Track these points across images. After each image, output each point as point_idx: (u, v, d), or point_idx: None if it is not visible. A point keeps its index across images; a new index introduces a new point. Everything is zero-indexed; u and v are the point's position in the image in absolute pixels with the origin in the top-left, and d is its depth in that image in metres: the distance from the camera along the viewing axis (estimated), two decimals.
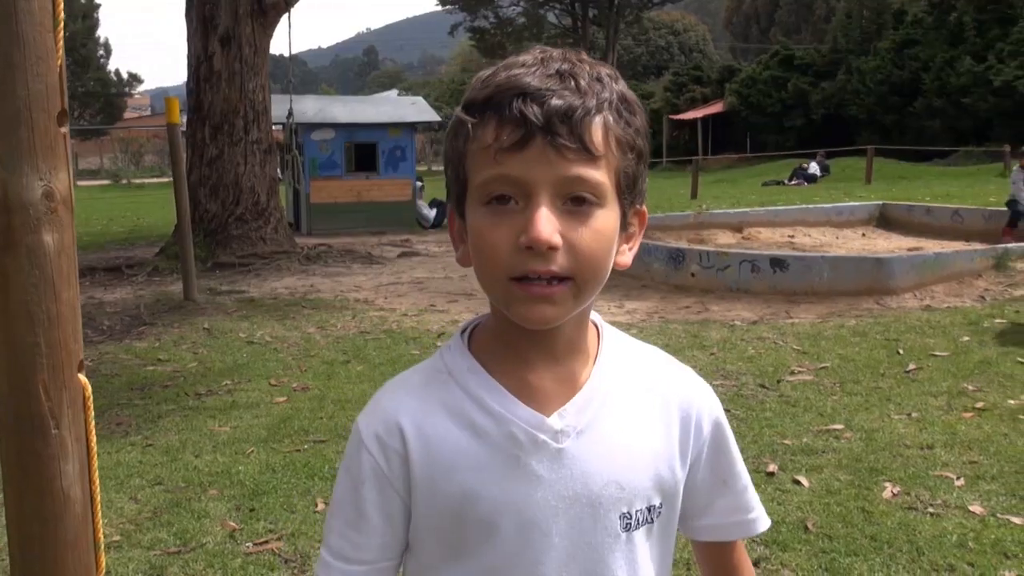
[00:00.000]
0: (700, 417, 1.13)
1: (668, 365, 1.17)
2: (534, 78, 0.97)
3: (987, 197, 16.92)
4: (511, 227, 0.96)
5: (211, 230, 12.18)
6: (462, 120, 1.00)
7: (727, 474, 1.16)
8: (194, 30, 12.37)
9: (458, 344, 1.11)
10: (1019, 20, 32.53)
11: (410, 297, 9.59)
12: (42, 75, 1.40)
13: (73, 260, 1.47)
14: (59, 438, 1.44)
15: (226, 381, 6.29)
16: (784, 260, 8.75)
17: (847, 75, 38.02)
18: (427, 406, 1.07)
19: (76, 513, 1.48)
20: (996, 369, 5.81)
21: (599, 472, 1.04)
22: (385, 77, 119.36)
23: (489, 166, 0.97)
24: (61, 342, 1.44)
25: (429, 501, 1.06)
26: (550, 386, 1.06)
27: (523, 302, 0.98)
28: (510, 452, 1.03)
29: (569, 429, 1.04)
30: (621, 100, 1.01)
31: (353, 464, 1.09)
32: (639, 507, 1.07)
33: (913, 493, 3.97)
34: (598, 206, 0.98)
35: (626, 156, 1.01)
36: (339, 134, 16.53)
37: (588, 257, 0.97)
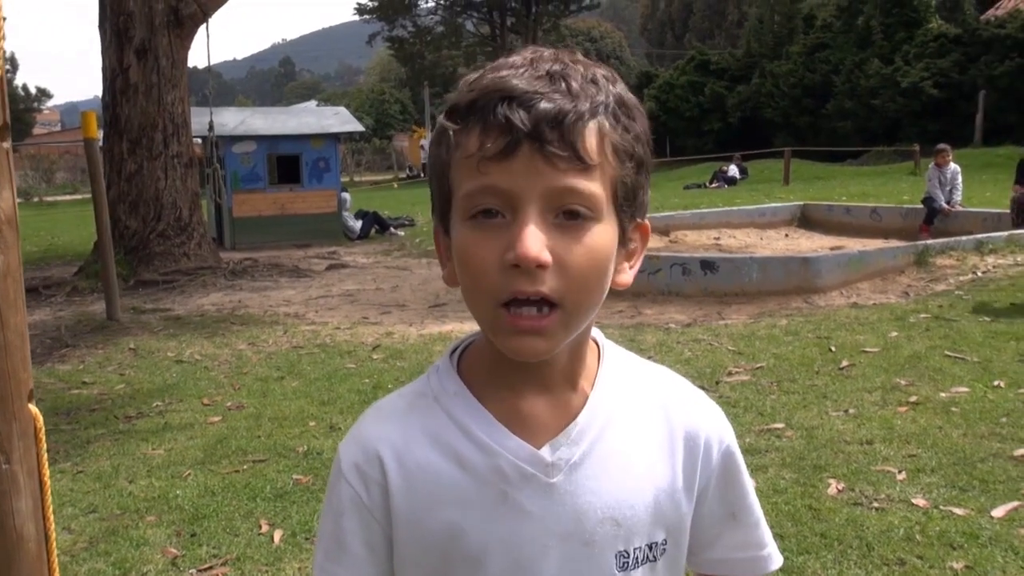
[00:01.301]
0: (709, 444, 1.04)
1: (674, 387, 1.07)
2: (521, 80, 0.89)
3: (901, 196, 17.41)
4: (497, 243, 0.88)
5: (132, 247, 11.85)
6: (444, 127, 0.92)
7: (737, 507, 1.07)
8: (108, 42, 12.04)
9: (446, 365, 1.03)
10: (923, 23, 33.65)
11: (341, 310, 9.45)
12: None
13: (20, 284, 1.38)
14: (10, 473, 1.35)
15: (156, 402, 6.10)
16: (714, 262, 8.85)
17: (761, 79, 38.86)
18: (410, 434, 1.00)
19: (30, 552, 1.39)
20: (926, 363, 5.94)
21: (594, 508, 0.97)
22: (303, 88, 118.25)
23: (473, 177, 0.89)
24: (9, 371, 1.35)
25: (412, 535, 0.99)
26: (543, 414, 0.98)
27: (511, 334, 0.90)
28: (498, 487, 0.96)
29: (561, 462, 0.96)
30: (619, 103, 0.92)
31: (334, 495, 1.02)
32: (638, 544, 0.99)
33: (857, 489, 4.02)
34: (593, 220, 0.89)
35: (624, 165, 0.92)
36: (261, 146, 16.26)
37: (580, 278, 0.89)
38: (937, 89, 31.40)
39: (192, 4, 12.11)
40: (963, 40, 32.13)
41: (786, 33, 40.95)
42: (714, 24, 67.56)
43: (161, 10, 11.90)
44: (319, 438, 5.13)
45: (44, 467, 1.42)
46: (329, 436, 5.14)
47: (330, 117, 17.85)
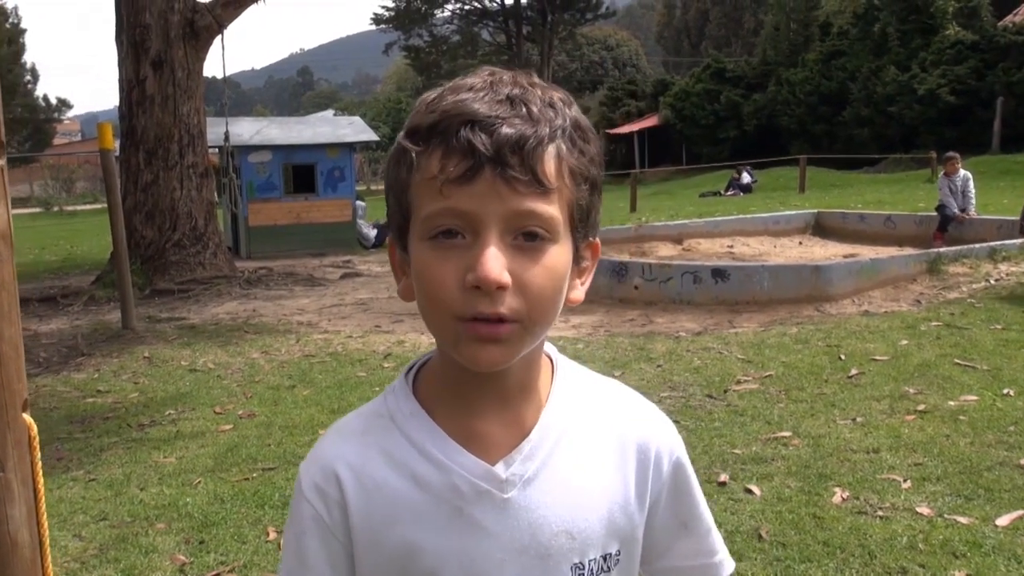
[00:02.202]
0: (659, 457, 1.06)
1: (626, 401, 1.09)
2: (483, 104, 0.90)
3: (916, 203, 17.34)
4: (458, 263, 0.90)
5: (148, 256, 11.96)
6: (405, 148, 0.94)
7: (688, 517, 1.10)
8: (125, 54, 12.17)
9: (402, 386, 1.05)
10: (940, 30, 33.50)
11: (354, 319, 9.50)
12: None
13: (14, 296, 1.42)
14: (4, 481, 1.39)
15: (169, 411, 6.16)
16: (725, 270, 8.85)
17: (777, 86, 38.76)
18: (367, 454, 1.02)
19: (25, 558, 1.43)
20: (935, 371, 5.93)
21: (548, 522, 0.99)
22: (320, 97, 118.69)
23: (435, 199, 0.90)
24: (4, 381, 1.39)
25: (370, 553, 1.01)
26: (497, 432, 1.00)
27: (470, 343, 0.91)
28: (452, 503, 0.98)
29: (515, 478, 0.98)
30: (575, 127, 0.94)
31: (296, 514, 1.04)
32: (593, 556, 1.01)
33: (862, 497, 4.02)
34: (550, 242, 0.92)
35: (580, 188, 0.95)
36: (276, 156, 16.37)
37: (538, 298, 0.91)
38: (954, 96, 31.23)
39: (207, 16, 12.22)
40: (980, 47, 31.97)
41: (802, 41, 40.89)
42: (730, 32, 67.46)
43: (177, 22, 12.02)
44: None
45: (38, 475, 1.45)
46: None
47: (345, 127, 17.95)
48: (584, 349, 7.27)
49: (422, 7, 52.37)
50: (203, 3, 12.50)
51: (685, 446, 1.12)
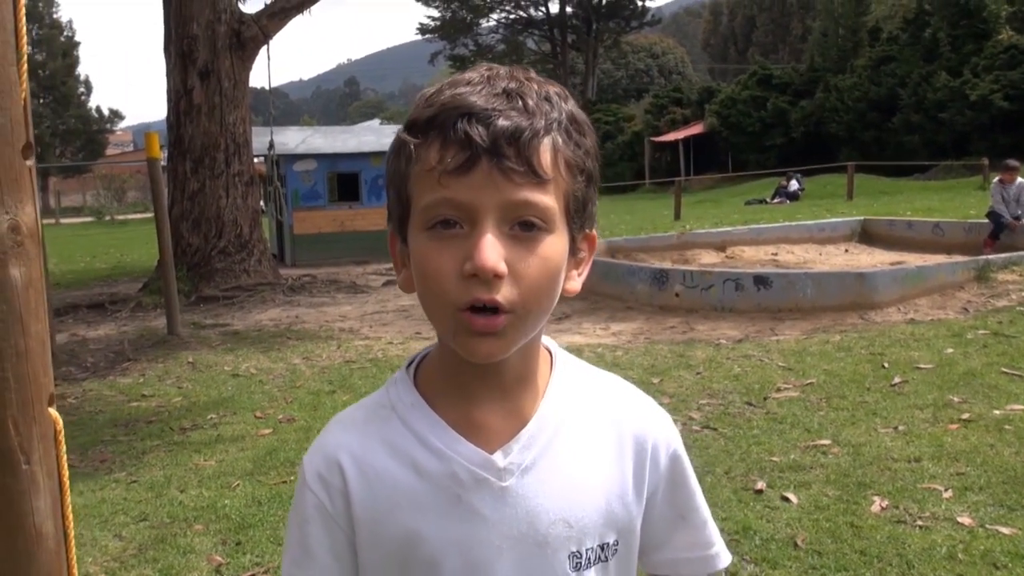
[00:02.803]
0: (656, 449, 1.07)
1: (624, 394, 1.11)
2: (479, 97, 0.92)
3: (968, 210, 17.04)
4: (456, 253, 0.92)
5: (194, 264, 12.15)
6: (404, 140, 0.96)
7: (685, 509, 1.11)
8: (173, 65, 12.39)
9: (403, 378, 1.07)
10: (992, 35, 32.96)
11: (395, 325, 9.56)
12: (6, 109, 1.39)
13: (41, 293, 1.45)
14: (30, 473, 1.42)
15: (211, 415, 6.25)
16: (767, 278, 8.77)
17: (825, 93, 38.40)
18: (368, 443, 1.04)
19: (49, 550, 1.45)
20: (981, 380, 5.82)
21: (546, 510, 1.00)
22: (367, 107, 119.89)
23: (433, 189, 0.92)
24: (30, 376, 1.42)
25: (372, 540, 1.02)
26: (496, 421, 1.02)
27: (468, 335, 0.93)
28: (452, 491, 0.99)
29: (513, 466, 1.00)
30: (571, 120, 0.96)
31: (299, 503, 1.06)
32: (590, 545, 1.02)
33: (902, 506, 3.96)
34: (546, 232, 0.93)
35: (576, 179, 0.96)
36: (321, 164, 16.55)
37: (534, 287, 0.93)
38: (1008, 101, 30.70)
39: (254, 27, 12.40)
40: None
41: (851, 46, 40.45)
42: (777, 38, 66.97)
43: (224, 33, 12.21)
44: None
45: (63, 468, 1.48)
46: None
47: (389, 135, 18.03)
48: (623, 356, 7.24)
49: (467, 17, 52.80)
50: (249, 14, 12.70)
51: (722, 454, 1.12)
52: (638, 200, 36.99)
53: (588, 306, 9.61)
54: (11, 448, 1.40)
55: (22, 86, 1.42)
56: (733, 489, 4.23)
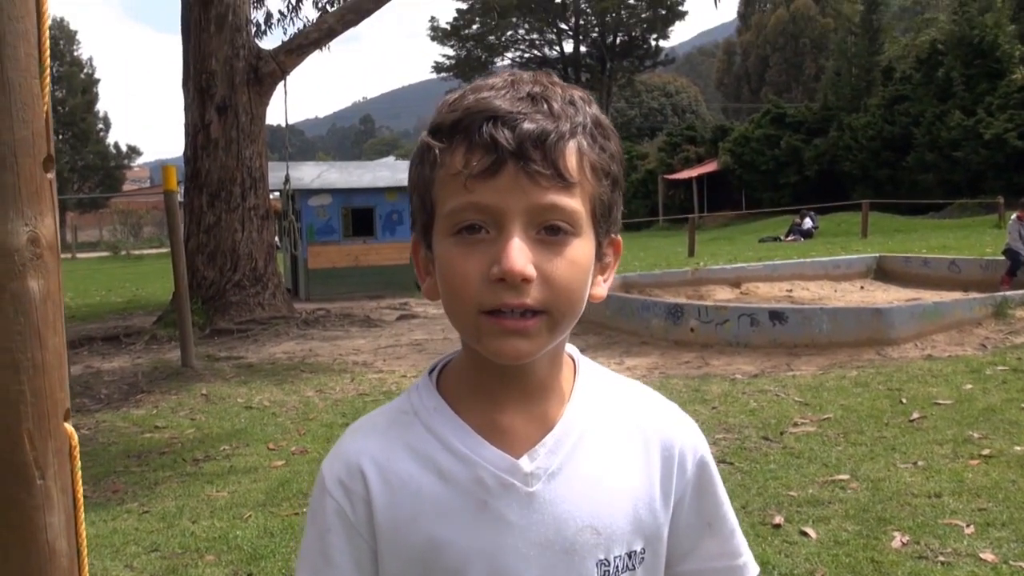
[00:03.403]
0: (683, 455, 1.06)
1: (649, 401, 1.09)
2: (504, 101, 0.92)
3: (983, 248, 16.97)
4: (482, 258, 0.91)
5: (209, 297, 12.19)
6: (429, 145, 0.95)
7: (712, 516, 1.09)
8: (191, 99, 12.52)
9: (425, 383, 1.06)
10: (1006, 74, 33.01)
11: (409, 359, 9.54)
12: (28, 121, 1.39)
13: (59, 307, 1.45)
14: (44, 488, 1.40)
15: (224, 446, 6.22)
16: (783, 313, 8.73)
17: (839, 131, 38.46)
18: (390, 448, 1.02)
19: (62, 567, 1.43)
20: (1001, 416, 5.75)
21: (573, 516, 0.98)
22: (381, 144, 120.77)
23: (458, 194, 0.91)
24: (47, 390, 1.41)
25: (394, 548, 1.00)
26: (521, 426, 1.00)
27: (495, 336, 0.92)
28: (477, 497, 0.97)
29: (540, 471, 0.98)
30: (595, 124, 0.96)
31: (318, 511, 1.04)
32: (618, 553, 1.00)
33: (923, 542, 3.90)
34: (573, 235, 0.93)
35: (601, 183, 0.96)
36: (336, 199, 16.63)
37: (563, 289, 0.92)
38: (1022, 140, 30.68)
39: (271, 63, 12.53)
40: None
41: (864, 86, 40.55)
42: (791, 78, 67.23)
43: (242, 68, 12.34)
44: None
45: (78, 484, 1.47)
46: None
47: (404, 171, 18.13)
48: None
49: (482, 56, 53.28)
50: (267, 50, 12.83)
51: (739, 488, 1.09)
52: (652, 237, 36.98)
53: (603, 341, 9.58)
54: (26, 463, 1.39)
55: (44, 99, 1.42)
56: (751, 523, 4.17)
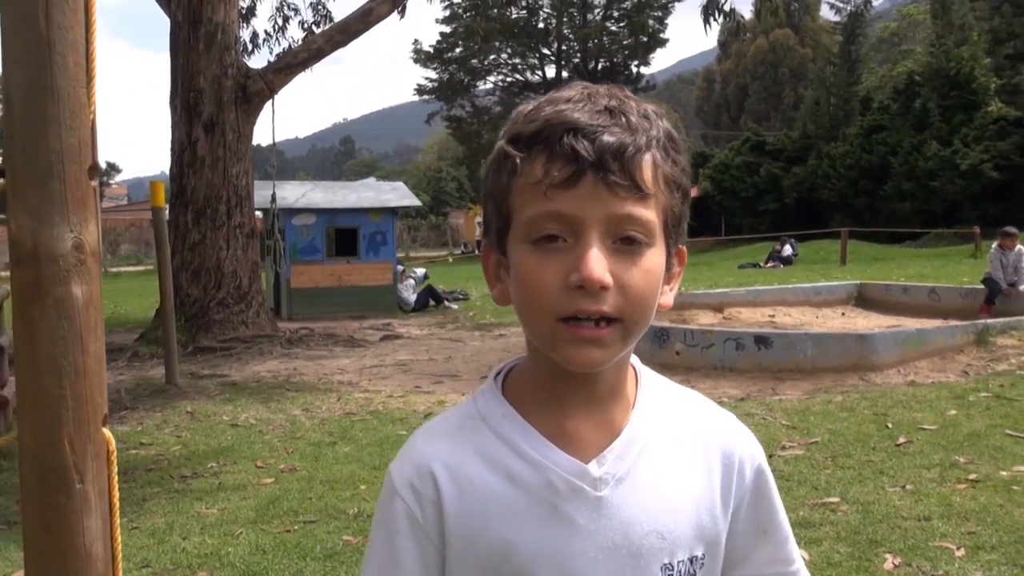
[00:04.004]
0: (742, 463, 1.09)
1: (708, 410, 1.13)
2: (583, 114, 0.94)
3: (960, 278, 17.15)
4: (560, 265, 0.93)
5: (192, 314, 12.12)
6: (508, 154, 0.97)
7: (768, 523, 1.11)
8: (178, 117, 12.50)
9: (492, 389, 1.08)
10: (982, 106, 33.50)
11: (395, 379, 9.53)
12: (75, 129, 1.41)
13: (100, 312, 1.46)
14: (83, 493, 1.42)
15: (211, 463, 6.19)
16: (768, 338, 8.80)
17: (818, 160, 38.84)
18: (461, 452, 1.03)
19: (98, 571, 1.45)
20: (986, 442, 5.82)
21: (640, 521, 1.00)
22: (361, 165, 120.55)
23: (538, 202, 0.94)
24: (87, 395, 1.42)
25: (464, 551, 1.02)
26: (587, 432, 1.02)
27: (571, 344, 0.94)
28: (548, 500, 0.99)
29: (608, 476, 1.00)
30: (668, 138, 0.99)
31: (387, 513, 1.05)
32: (681, 558, 1.02)
33: (914, 564, 3.94)
34: (648, 245, 0.95)
35: (673, 195, 0.99)
36: (320, 219, 16.61)
37: (638, 298, 0.95)
38: (997, 171, 31.11)
39: (259, 81, 12.55)
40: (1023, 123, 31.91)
41: (842, 115, 41.01)
42: (770, 106, 67.89)
43: (230, 87, 12.35)
44: (370, 501, 5.15)
45: (114, 489, 1.48)
46: None
47: (388, 192, 18.20)
48: None
49: (465, 79, 53.41)
50: (255, 69, 12.85)
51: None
52: None
53: None
54: (66, 467, 1.41)
55: (91, 107, 1.44)
56: None
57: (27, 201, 1.38)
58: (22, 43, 1.38)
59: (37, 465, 1.40)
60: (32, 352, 1.39)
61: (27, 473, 1.41)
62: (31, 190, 1.38)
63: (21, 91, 1.38)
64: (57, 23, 1.38)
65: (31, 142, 1.38)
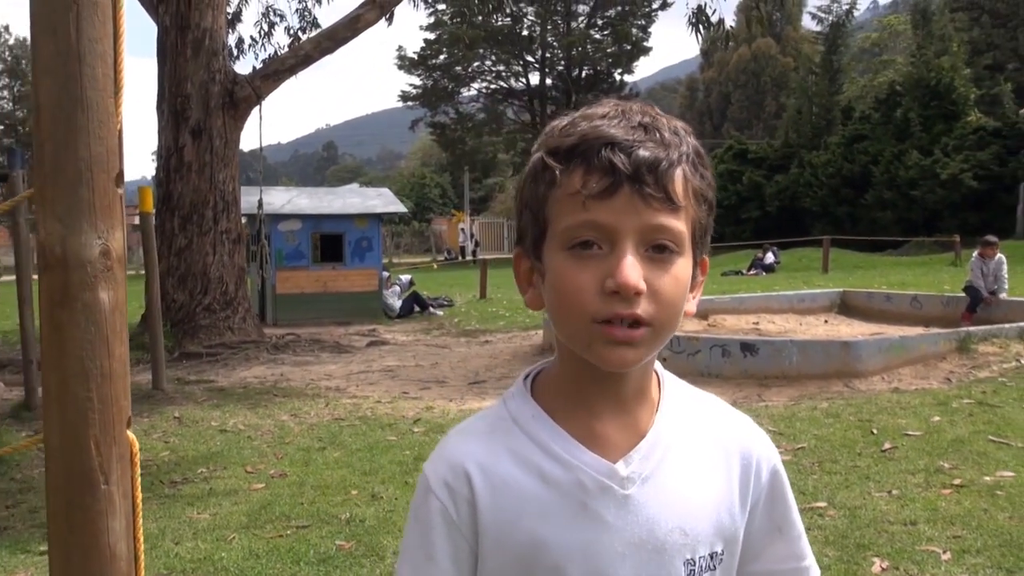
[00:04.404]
0: (759, 464, 1.14)
1: (727, 413, 1.18)
2: (619, 129, 1.00)
3: (941, 286, 17.31)
4: (595, 272, 0.99)
5: (178, 320, 12.10)
6: (548, 165, 1.03)
7: (782, 521, 1.17)
8: (165, 122, 12.49)
9: (521, 391, 1.13)
10: (961, 116, 33.85)
11: (382, 385, 9.55)
12: (103, 137, 1.45)
13: (125, 317, 1.50)
14: (107, 493, 1.45)
15: (201, 469, 6.20)
16: (754, 344, 8.87)
17: (800, 168, 39.12)
18: (494, 453, 1.08)
19: (121, 571, 1.47)
20: (969, 447, 5.90)
21: (664, 518, 1.06)
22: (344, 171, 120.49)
23: (576, 212, 0.99)
24: (112, 398, 1.46)
25: (497, 547, 1.06)
26: (614, 433, 1.07)
27: (605, 344, 0.99)
28: (578, 498, 1.04)
29: (635, 476, 1.05)
30: (696, 153, 1.04)
31: (422, 510, 1.09)
32: (702, 554, 1.07)
33: (902, 567, 4.00)
34: (678, 254, 1.01)
35: (700, 207, 1.04)
36: (306, 225, 16.61)
37: (668, 303, 1.00)
38: (977, 181, 31.43)
39: (247, 87, 12.56)
40: (1003, 133, 32.29)
41: (824, 124, 41.34)
42: (752, 115, 68.36)
43: (217, 92, 12.35)
44: (361, 506, 5.18)
45: (138, 490, 1.51)
46: (371, 504, 5.20)
47: (374, 198, 18.22)
48: None
49: (449, 86, 53.47)
50: (243, 75, 12.86)
51: None
52: None
53: None
54: (92, 468, 1.44)
55: (118, 117, 1.48)
56: None
57: (56, 208, 1.42)
58: (51, 53, 1.41)
59: (63, 466, 1.43)
60: (60, 355, 1.42)
61: (53, 473, 1.44)
62: (60, 198, 1.42)
63: (51, 100, 1.41)
64: (87, 35, 1.42)
65: (61, 151, 1.41)
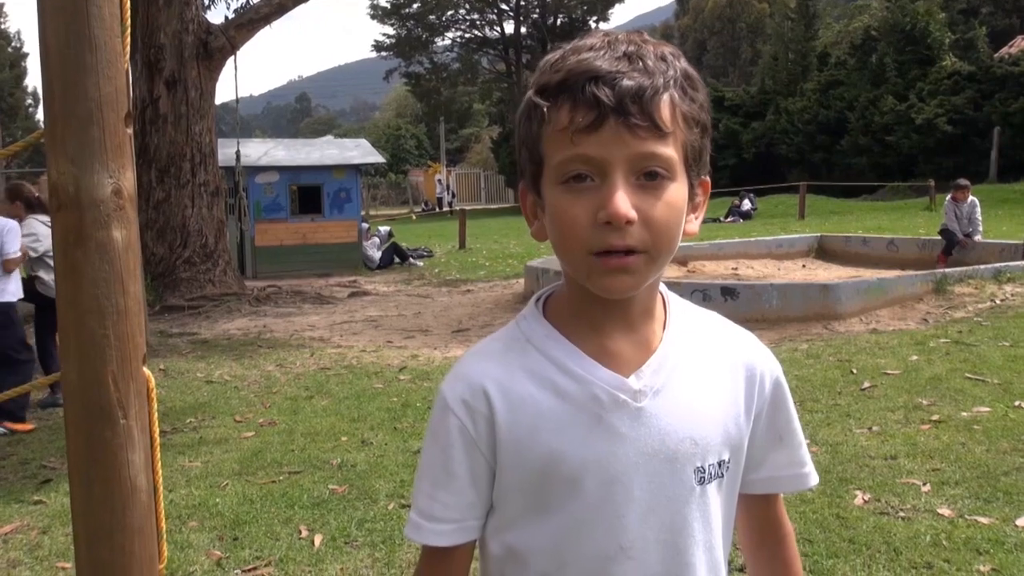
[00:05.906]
0: (763, 376, 1.19)
1: (731, 329, 1.23)
2: (604, 61, 1.02)
3: (917, 230, 17.47)
4: (589, 203, 1.01)
5: (159, 273, 12.05)
6: (536, 104, 1.05)
7: (784, 430, 1.22)
8: (139, 74, 12.32)
9: (534, 313, 1.17)
10: (936, 61, 33.85)
11: (366, 335, 9.59)
12: (112, 77, 1.46)
13: (138, 255, 1.52)
14: (126, 428, 1.48)
15: (190, 419, 6.24)
16: (734, 289, 8.96)
17: (776, 115, 39.06)
18: (510, 371, 1.12)
19: (142, 503, 1.52)
20: (947, 385, 6.02)
21: (675, 429, 1.10)
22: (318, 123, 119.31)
23: (566, 147, 1.02)
24: (128, 334, 1.48)
25: (515, 461, 1.10)
26: (626, 350, 1.11)
27: (602, 274, 1.03)
28: (593, 412, 1.08)
29: (647, 389, 1.09)
30: (685, 77, 1.06)
31: (440, 429, 1.13)
32: (711, 461, 1.12)
33: (883, 499, 4.11)
34: (669, 180, 1.03)
35: (692, 130, 1.06)
36: (283, 177, 16.51)
37: (662, 229, 1.03)
38: (951, 126, 31.51)
39: (221, 37, 12.39)
40: (977, 77, 32.31)
41: (800, 70, 41.21)
42: (728, 62, 68.12)
43: (191, 43, 12.18)
44: (352, 452, 5.24)
45: (155, 425, 1.54)
46: (362, 450, 5.26)
47: (352, 149, 18.08)
48: None
49: (423, 35, 52.87)
50: (217, 25, 12.68)
51: None
52: None
53: None
54: (110, 403, 1.47)
55: (125, 57, 1.49)
56: None
57: (68, 149, 1.43)
58: None
59: (82, 402, 1.46)
60: (76, 294, 1.45)
61: (72, 410, 1.47)
62: (71, 138, 1.43)
63: (59, 40, 1.42)
64: None
65: (71, 91, 1.42)
